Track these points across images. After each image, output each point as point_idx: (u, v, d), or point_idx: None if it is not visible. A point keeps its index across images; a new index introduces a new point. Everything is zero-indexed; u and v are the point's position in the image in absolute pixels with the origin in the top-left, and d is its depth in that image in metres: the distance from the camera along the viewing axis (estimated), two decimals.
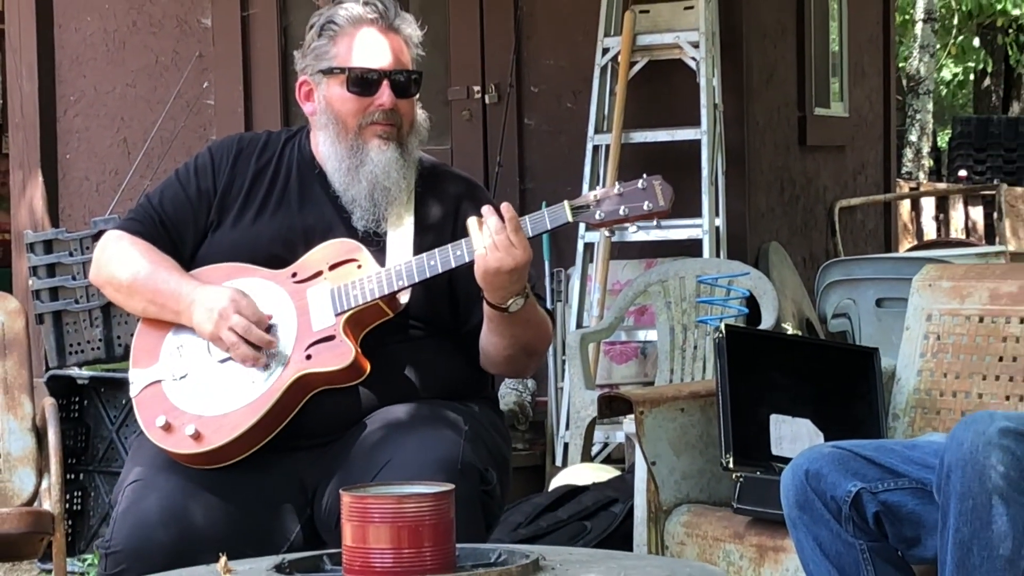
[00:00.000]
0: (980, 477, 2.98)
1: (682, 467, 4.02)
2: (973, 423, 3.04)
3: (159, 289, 3.70)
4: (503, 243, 3.46)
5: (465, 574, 2.77)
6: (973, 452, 3.00)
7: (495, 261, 3.46)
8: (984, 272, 4.30)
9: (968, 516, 2.99)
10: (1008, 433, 2.99)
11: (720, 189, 7.38)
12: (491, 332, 3.66)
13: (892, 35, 10.29)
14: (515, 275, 3.49)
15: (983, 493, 2.98)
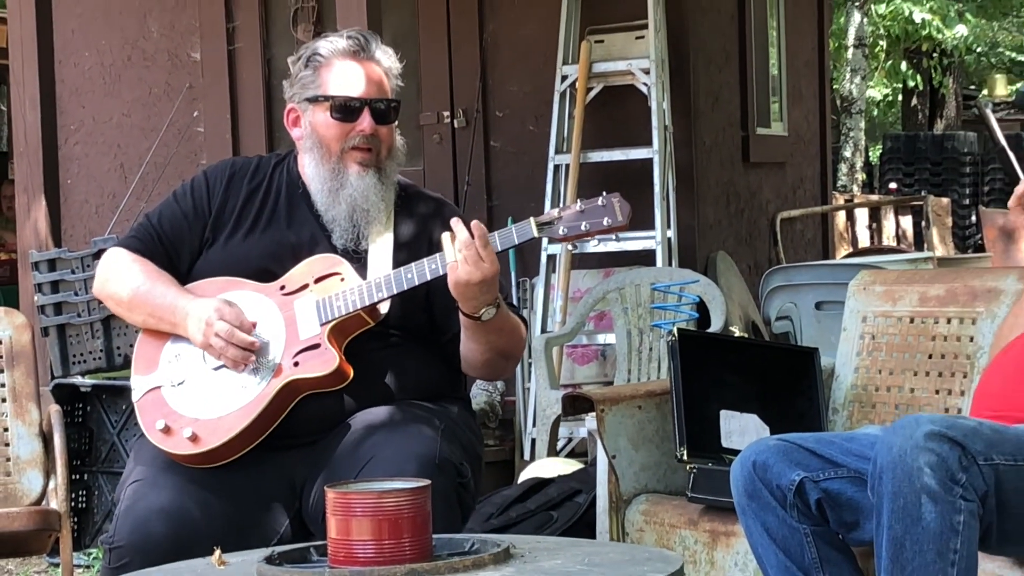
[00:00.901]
0: (909, 478, 2.99)
1: (640, 460, 4.02)
2: (901, 428, 3.04)
3: (156, 304, 3.70)
4: (472, 257, 3.46)
5: (441, 563, 2.77)
6: (902, 455, 3.00)
7: (465, 274, 3.47)
8: (914, 277, 4.31)
9: (900, 514, 3.00)
10: (933, 436, 3.00)
11: (671, 203, 7.40)
12: (468, 339, 3.66)
13: (826, 60, 10.31)
14: (484, 287, 3.50)
15: (912, 493, 2.98)
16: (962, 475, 2.99)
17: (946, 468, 2.98)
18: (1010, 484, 3.05)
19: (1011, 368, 3.44)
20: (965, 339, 4.03)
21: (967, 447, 3.01)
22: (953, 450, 3.00)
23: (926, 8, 18.55)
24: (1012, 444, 3.10)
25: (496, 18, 7.92)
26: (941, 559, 2.98)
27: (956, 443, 3.00)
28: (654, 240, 7.23)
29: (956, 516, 2.98)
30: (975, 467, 3.01)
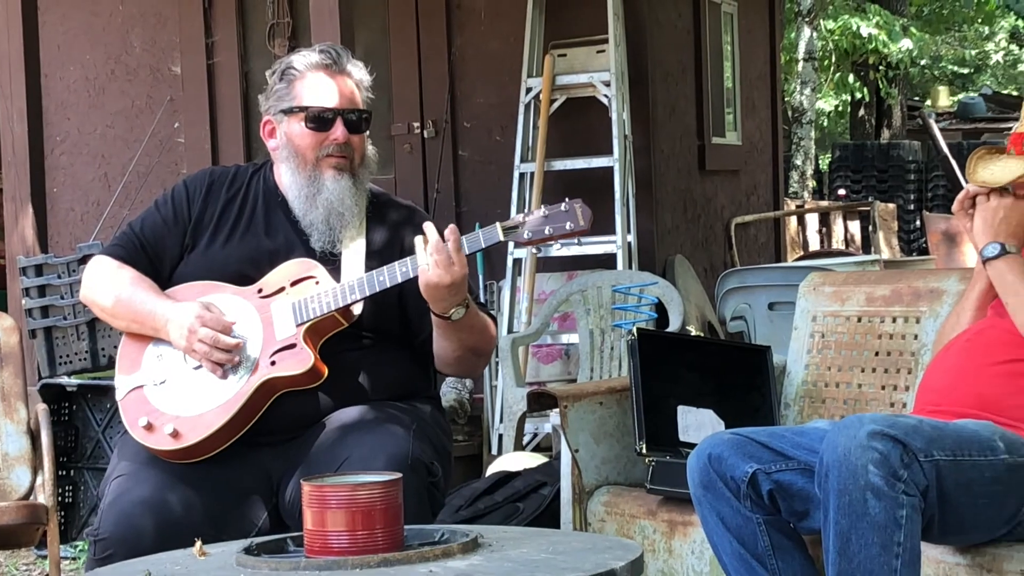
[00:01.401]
0: (854, 475, 2.99)
1: (602, 453, 4.02)
2: (845, 428, 3.05)
3: (138, 310, 3.70)
4: (444, 261, 3.47)
5: (413, 552, 2.77)
6: (847, 454, 3.01)
7: (436, 276, 3.48)
8: (861, 278, 4.32)
9: (846, 509, 3.00)
10: (876, 435, 3.01)
11: (631, 209, 7.41)
12: (441, 338, 3.67)
13: (778, 73, 10.34)
14: (454, 288, 3.50)
15: (857, 489, 2.99)
16: (904, 471, 3.00)
17: (889, 465, 2.99)
18: (950, 478, 3.06)
19: (952, 364, 3.46)
20: (909, 337, 4.04)
21: (908, 445, 3.02)
22: (895, 448, 3.01)
23: (872, 23, 18.60)
24: (951, 440, 3.11)
25: (463, 33, 7.92)
26: (886, 552, 2.99)
27: (898, 441, 3.01)
28: (615, 244, 7.24)
29: (899, 510, 2.99)
30: (916, 464, 3.02)
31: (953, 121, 21.35)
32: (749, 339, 6.88)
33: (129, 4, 8.44)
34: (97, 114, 8.54)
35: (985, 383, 3.34)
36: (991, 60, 26.19)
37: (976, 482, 3.09)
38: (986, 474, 3.11)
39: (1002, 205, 3.45)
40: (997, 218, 3.44)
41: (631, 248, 7.34)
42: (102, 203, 8.33)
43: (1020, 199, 3.46)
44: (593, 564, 2.71)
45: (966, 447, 3.11)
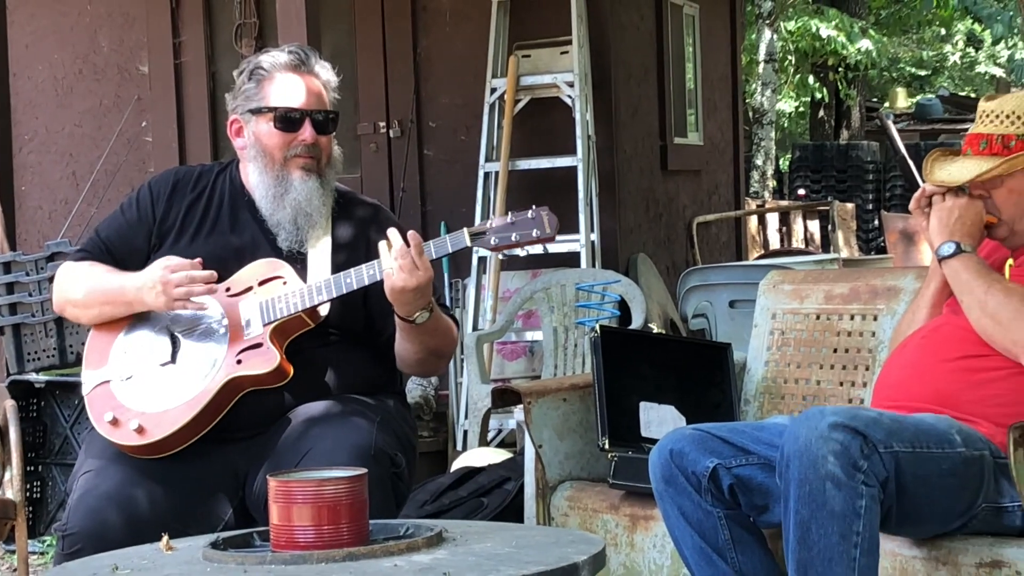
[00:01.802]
0: (814, 466, 3.01)
1: (565, 449, 4.02)
2: (806, 419, 3.07)
3: (106, 290, 3.68)
4: (408, 265, 3.47)
5: (378, 546, 2.77)
6: (808, 445, 3.02)
7: (400, 281, 3.47)
8: (820, 276, 4.33)
9: (806, 499, 3.01)
10: (836, 427, 3.02)
11: (594, 209, 7.42)
12: (403, 340, 3.66)
13: (739, 74, 10.36)
14: (419, 292, 3.50)
15: (817, 479, 3.00)
16: (863, 462, 3.01)
17: (849, 456, 3.00)
18: (908, 470, 3.08)
19: (908, 361, 3.47)
20: (867, 334, 4.06)
21: (868, 436, 3.03)
22: (855, 439, 3.02)
23: (832, 25, 18.64)
24: (910, 433, 3.12)
25: (429, 34, 7.92)
26: (845, 541, 3.00)
27: (858, 433, 3.03)
28: (578, 243, 7.25)
29: (858, 500, 3.01)
30: (876, 455, 3.03)
31: (911, 122, 21.43)
32: (710, 336, 6.90)
33: (97, 4, 8.41)
34: (65, 113, 8.51)
35: (941, 379, 3.36)
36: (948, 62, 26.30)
37: (933, 474, 3.11)
38: (943, 466, 3.12)
39: (957, 205, 3.46)
40: (952, 217, 3.46)
41: (594, 247, 7.36)
42: (70, 201, 8.30)
43: (975, 199, 3.47)
44: (556, 558, 2.71)
45: (924, 440, 3.13)
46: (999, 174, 3.43)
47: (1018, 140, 3.43)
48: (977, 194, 3.47)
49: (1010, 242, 3.50)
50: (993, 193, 3.47)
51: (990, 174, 3.42)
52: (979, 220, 3.46)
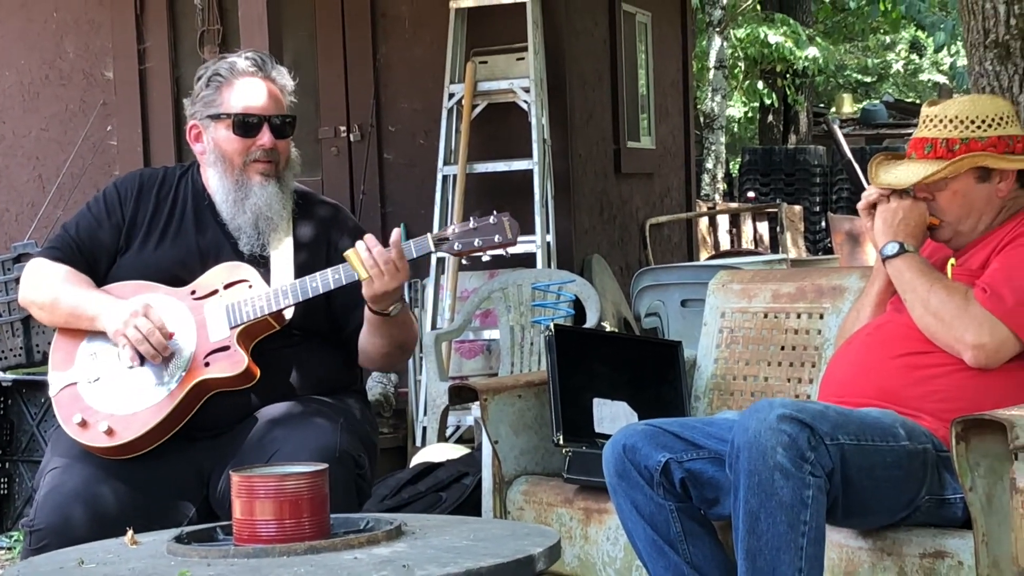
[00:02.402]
0: (763, 456, 3.01)
1: (520, 444, 4.02)
2: (756, 411, 3.07)
3: (74, 302, 3.66)
4: (391, 270, 3.47)
5: (338, 539, 2.76)
6: (757, 436, 3.03)
7: (382, 285, 3.48)
8: (767, 276, 4.34)
9: (755, 489, 3.02)
10: (785, 419, 3.03)
11: (550, 211, 7.43)
12: (372, 335, 3.65)
13: (690, 80, 10.39)
14: (399, 291, 3.53)
15: (766, 470, 3.01)
16: (811, 453, 3.02)
17: (796, 447, 3.01)
18: (853, 462, 3.09)
19: (853, 358, 3.49)
20: (813, 332, 4.07)
21: (815, 428, 3.05)
22: (803, 431, 3.03)
23: (780, 33, 18.72)
24: (855, 426, 3.14)
25: (388, 41, 7.91)
26: (792, 530, 3.01)
27: (805, 425, 3.04)
28: (534, 244, 7.26)
29: (806, 491, 3.01)
30: (823, 446, 3.04)
31: (856, 127, 21.53)
32: (663, 334, 6.91)
33: (63, 11, 8.37)
34: (32, 117, 8.46)
35: (886, 375, 3.38)
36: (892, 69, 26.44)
37: (878, 466, 3.12)
38: (887, 459, 3.14)
39: (901, 207, 3.48)
40: (896, 219, 3.48)
41: (550, 248, 7.36)
42: (36, 204, 8.26)
43: (919, 201, 3.49)
44: (512, 550, 2.71)
45: (869, 433, 3.14)
46: (943, 177, 3.45)
47: (961, 144, 3.45)
48: (921, 196, 3.49)
49: (953, 243, 3.52)
50: (937, 195, 3.49)
51: (934, 177, 3.44)
52: (922, 221, 3.49)
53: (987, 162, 3.44)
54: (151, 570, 2.69)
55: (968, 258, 3.47)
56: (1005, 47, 5.38)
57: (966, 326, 3.28)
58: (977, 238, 3.48)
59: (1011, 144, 3.46)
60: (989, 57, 5.42)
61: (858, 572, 3.21)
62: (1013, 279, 3.29)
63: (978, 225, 3.48)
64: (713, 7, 17.63)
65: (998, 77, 5.41)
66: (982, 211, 3.47)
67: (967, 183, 3.46)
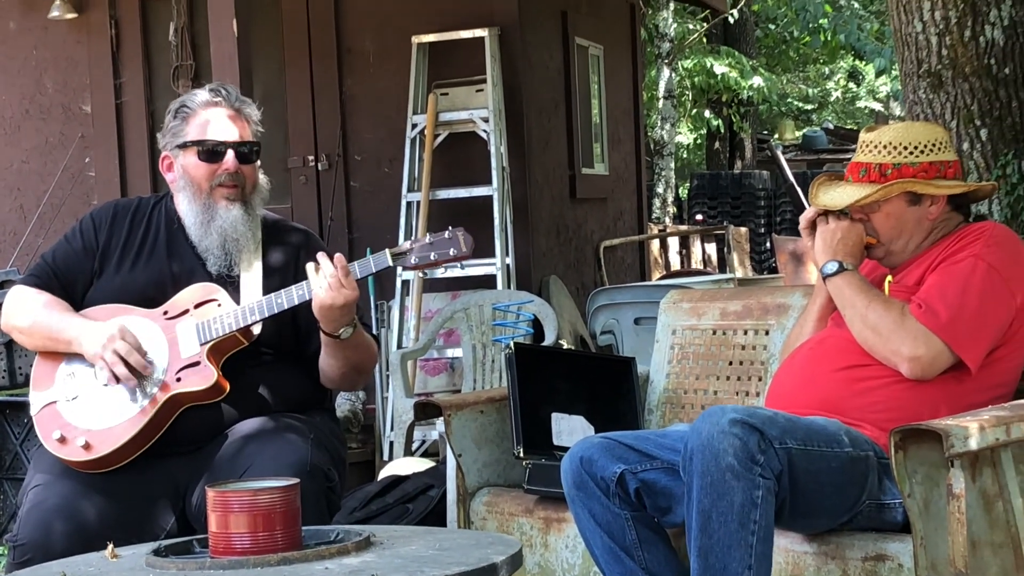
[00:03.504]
0: (716, 458, 3.02)
1: (483, 457, 4.02)
2: (709, 416, 3.08)
3: (52, 327, 3.66)
4: (335, 284, 3.47)
5: (310, 551, 2.75)
6: (710, 439, 3.04)
7: (329, 299, 3.48)
8: (716, 295, 4.36)
9: (708, 490, 3.03)
10: (736, 423, 3.04)
11: (509, 234, 7.44)
12: (328, 356, 3.65)
13: (641, 109, 10.42)
14: (345, 309, 3.50)
15: (718, 471, 3.02)
16: (760, 456, 3.03)
17: (747, 450, 3.02)
18: (800, 465, 3.10)
19: (797, 371, 3.50)
20: (759, 348, 4.08)
21: (765, 432, 3.05)
22: (753, 435, 3.04)
23: (725, 63, 18.80)
24: (803, 432, 3.15)
25: (353, 75, 7.91)
26: (743, 528, 3.02)
27: (755, 429, 3.05)
28: (494, 266, 7.26)
29: (756, 491, 3.02)
30: (772, 450, 3.05)
31: (798, 152, 21.64)
32: (617, 351, 6.92)
33: (43, 48, 8.34)
34: (13, 150, 8.42)
35: (828, 387, 3.39)
36: (831, 97, 26.58)
37: (823, 471, 3.13)
38: (832, 464, 3.15)
39: (839, 227, 3.50)
40: (835, 239, 3.50)
41: (509, 269, 7.37)
42: (18, 233, 8.22)
43: (856, 222, 3.51)
44: (477, 559, 2.71)
45: (815, 439, 3.15)
46: (876, 199, 3.47)
47: (893, 169, 3.47)
48: (857, 217, 3.51)
49: (887, 261, 3.54)
50: (872, 217, 3.51)
51: (868, 199, 3.46)
52: (860, 241, 3.50)
53: (916, 187, 3.46)
54: None
55: (904, 275, 3.49)
56: (937, 76, 5.42)
57: (902, 340, 3.30)
58: (912, 256, 3.50)
59: (942, 170, 3.48)
60: (923, 86, 5.46)
61: (804, 575, 3.22)
62: (946, 295, 3.32)
63: (909, 245, 3.50)
64: (662, 40, 17.70)
65: (931, 105, 5.45)
66: (913, 232, 3.49)
67: (899, 206, 3.48)
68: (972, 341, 3.29)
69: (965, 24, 5.37)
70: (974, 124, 5.39)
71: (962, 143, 5.37)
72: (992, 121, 5.39)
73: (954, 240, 3.45)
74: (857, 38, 16.92)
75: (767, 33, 21.47)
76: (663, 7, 17.28)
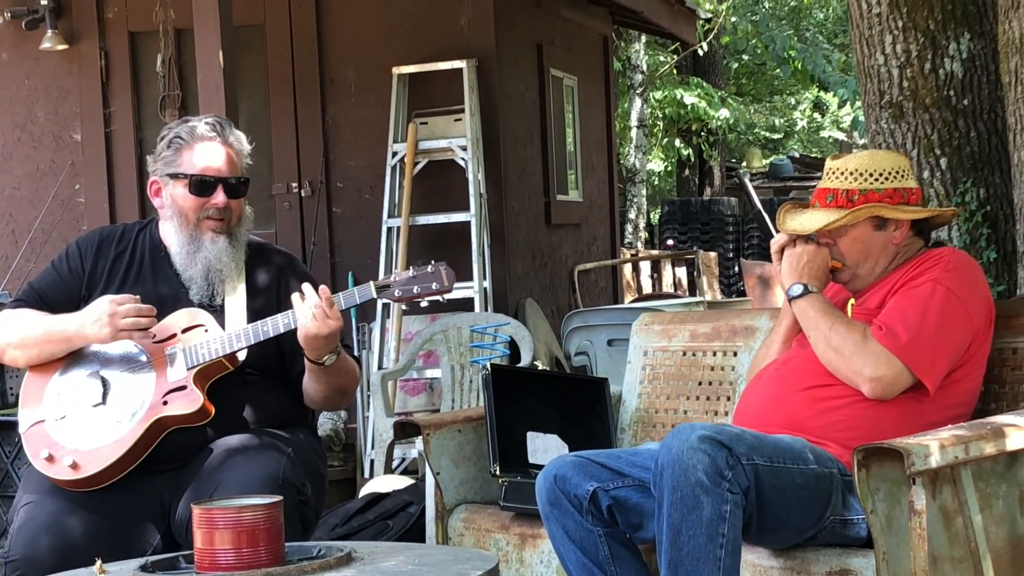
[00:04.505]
0: (685, 474, 3.02)
1: (460, 475, 4.01)
2: (679, 433, 3.08)
3: (46, 330, 3.63)
4: (320, 315, 3.47)
5: (292, 566, 2.75)
6: (680, 455, 3.04)
7: (314, 328, 3.48)
8: (686, 318, 4.36)
9: (678, 504, 3.02)
10: (705, 440, 3.04)
11: (486, 259, 7.44)
12: (311, 380, 3.65)
13: (613, 138, 10.45)
14: (330, 339, 3.51)
15: (688, 486, 3.02)
16: (728, 472, 3.03)
17: (715, 466, 3.02)
18: (767, 481, 3.10)
19: (764, 391, 3.50)
20: (728, 368, 4.09)
21: (733, 449, 3.05)
22: (721, 451, 3.04)
23: (695, 94, 18.85)
24: (769, 449, 3.15)
25: (336, 104, 7.92)
26: (711, 542, 3.01)
27: (724, 445, 3.05)
28: (472, 290, 7.27)
29: (724, 506, 3.02)
30: (740, 466, 3.05)
31: (765, 180, 21.69)
32: (591, 372, 6.91)
33: (34, 78, 8.32)
34: (5, 177, 8.39)
35: (793, 406, 3.39)
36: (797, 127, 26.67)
37: (789, 487, 3.13)
38: (797, 480, 3.15)
39: (806, 251, 3.51)
40: (801, 262, 3.50)
41: (487, 293, 7.37)
42: (10, 257, 8.18)
43: (822, 246, 3.52)
44: (455, 574, 2.71)
45: (781, 456, 3.15)
46: (843, 224, 3.48)
47: (860, 195, 3.48)
48: (824, 242, 3.52)
49: (852, 285, 3.56)
50: (838, 241, 3.52)
51: (834, 225, 3.48)
52: (825, 265, 3.51)
53: (883, 212, 3.47)
54: None
55: (867, 299, 3.50)
56: (899, 107, 5.45)
57: (864, 361, 3.31)
58: (875, 280, 3.51)
59: (906, 196, 3.50)
60: (884, 116, 5.48)
61: None
62: (907, 318, 3.33)
63: (875, 269, 3.51)
64: (634, 71, 17.75)
65: (893, 135, 5.47)
66: (878, 256, 3.51)
67: (865, 231, 3.50)
68: (931, 363, 3.30)
69: (925, 57, 5.40)
70: (934, 153, 5.42)
71: (922, 171, 5.39)
72: (951, 150, 5.42)
73: (915, 265, 3.47)
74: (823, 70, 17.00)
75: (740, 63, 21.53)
76: (635, 40, 17.33)
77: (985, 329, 3.39)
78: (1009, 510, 3.14)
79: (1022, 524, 3.16)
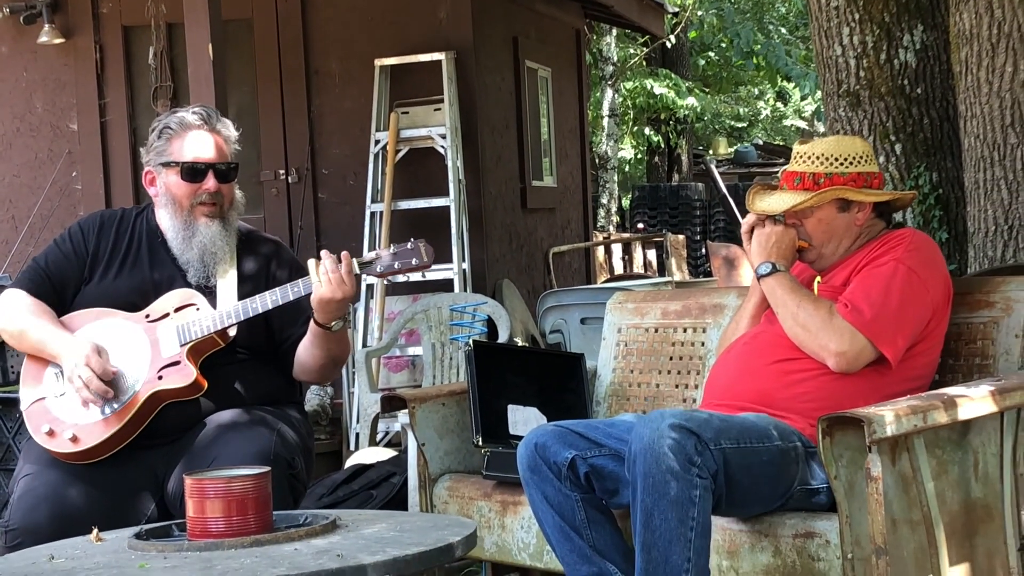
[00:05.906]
0: (656, 461, 3.01)
1: (444, 446, 4.01)
2: (649, 421, 3.07)
3: (39, 340, 3.62)
4: (337, 279, 3.48)
5: (280, 533, 2.74)
6: (651, 443, 3.02)
7: (329, 292, 3.48)
8: (657, 296, 4.36)
9: (650, 489, 3.01)
10: (674, 427, 3.03)
11: (465, 242, 7.43)
12: (312, 347, 3.64)
13: (586, 126, 10.44)
14: (344, 304, 3.52)
15: (659, 472, 3.00)
16: (697, 458, 3.02)
17: (685, 452, 3.01)
18: (735, 462, 3.09)
19: (733, 365, 3.50)
20: (698, 344, 4.08)
21: (701, 435, 3.04)
22: (690, 438, 3.03)
23: (664, 85, 18.85)
24: (736, 431, 3.14)
25: (321, 95, 7.89)
26: (682, 524, 3.01)
27: (692, 432, 3.04)
28: (452, 271, 7.25)
29: (693, 490, 3.01)
30: (708, 451, 3.04)
31: (730, 166, 21.72)
32: (566, 348, 6.91)
33: (32, 71, 8.27)
34: (5, 165, 8.34)
35: (761, 379, 3.39)
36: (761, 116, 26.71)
37: (755, 465, 3.13)
38: (763, 458, 3.15)
39: (774, 231, 3.50)
40: (770, 242, 3.50)
41: (466, 274, 7.36)
42: (10, 242, 8.14)
43: (789, 227, 3.51)
44: (434, 539, 2.72)
45: (747, 436, 3.15)
46: (809, 206, 3.48)
47: (825, 178, 3.47)
48: (790, 223, 3.52)
49: (818, 264, 3.55)
50: (805, 222, 3.51)
51: (801, 206, 3.47)
52: (792, 245, 3.51)
53: (847, 194, 3.47)
54: (114, 564, 2.66)
55: (832, 277, 3.50)
56: (855, 96, 5.44)
57: (830, 336, 3.30)
58: (839, 260, 3.51)
59: (868, 180, 3.50)
60: (842, 104, 5.48)
61: (740, 551, 3.22)
62: (870, 296, 3.32)
63: (839, 248, 3.51)
64: (605, 63, 17.73)
65: (850, 122, 5.47)
66: (842, 236, 3.50)
67: (830, 212, 3.49)
68: (893, 337, 3.29)
69: (881, 48, 5.40)
70: (889, 139, 5.42)
71: (878, 156, 5.39)
72: (906, 136, 5.42)
73: (877, 245, 3.46)
74: (785, 63, 17.01)
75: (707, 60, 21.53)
76: (607, 33, 17.32)
77: (944, 306, 3.39)
78: (963, 476, 3.14)
79: (976, 489, 3.17)
